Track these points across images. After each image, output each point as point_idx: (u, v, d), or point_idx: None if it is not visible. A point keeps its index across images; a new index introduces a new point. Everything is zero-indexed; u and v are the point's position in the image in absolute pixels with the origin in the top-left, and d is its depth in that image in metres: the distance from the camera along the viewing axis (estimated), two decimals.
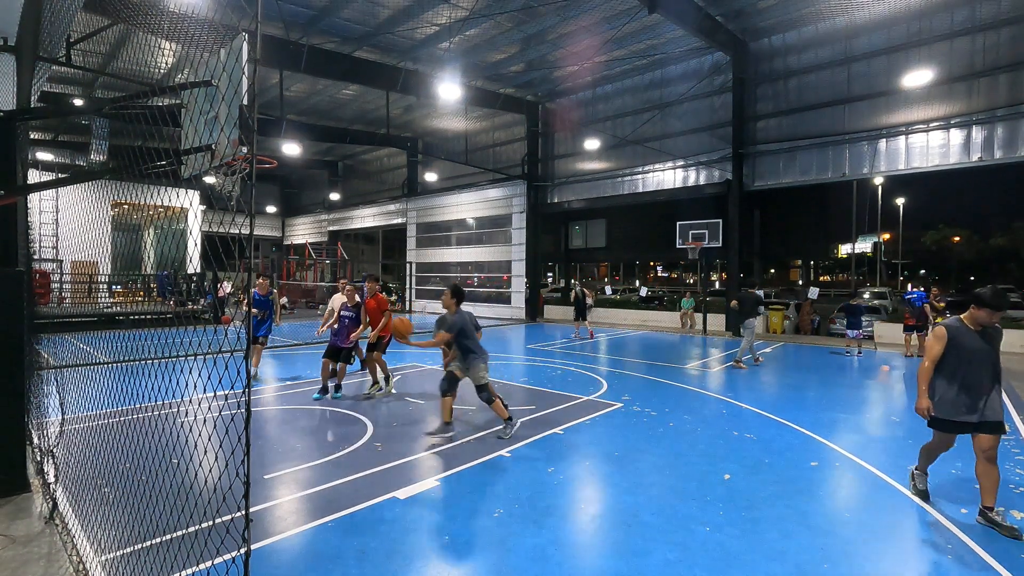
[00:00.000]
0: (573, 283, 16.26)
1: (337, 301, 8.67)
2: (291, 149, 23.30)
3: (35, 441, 4.90)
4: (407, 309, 26.72)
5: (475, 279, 25.25)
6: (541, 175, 22.87)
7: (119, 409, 5.95)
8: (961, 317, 4.17)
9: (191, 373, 2.28)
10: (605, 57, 18.00)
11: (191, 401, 6.62)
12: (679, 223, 18.22)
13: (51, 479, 4.20)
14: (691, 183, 18.86)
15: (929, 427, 4.29)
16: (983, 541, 3.78)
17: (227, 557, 2.85)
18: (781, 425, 6.72)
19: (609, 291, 28.95)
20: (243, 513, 1.89)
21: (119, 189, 3.65)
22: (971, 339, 4.07)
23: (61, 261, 20.51)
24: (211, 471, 2.67)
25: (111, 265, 17.97)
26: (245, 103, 2.38)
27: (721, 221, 17.27)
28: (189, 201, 3.15)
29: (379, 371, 8.27)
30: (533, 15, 15.07)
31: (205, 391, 2.24)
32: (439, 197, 26.54)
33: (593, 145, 20.77)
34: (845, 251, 55.30)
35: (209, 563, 2.81)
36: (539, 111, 22.91)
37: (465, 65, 18.45)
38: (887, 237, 51.38)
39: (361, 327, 7.99)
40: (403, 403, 7.67)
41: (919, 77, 13.75)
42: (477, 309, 24.27)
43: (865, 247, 48.96)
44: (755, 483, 4.82)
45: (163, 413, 6.31)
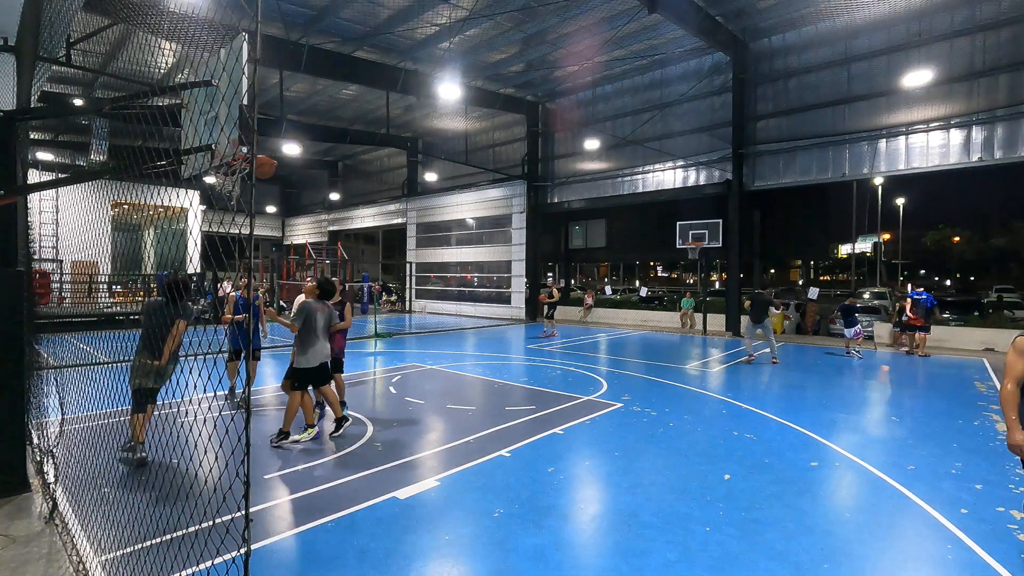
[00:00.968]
0: (547, 281, 16.32)
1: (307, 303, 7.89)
2: (291, 149, 23.30)
3: (35, 441, 4.90)
4: (407, 309, 26.73)
5: (475, 279, 25.25)
6: (541, 175, 22.87)
7: (119, 409, 5.96)
8: None
9: (191, 373, 2.28)
10: (605, 57, 18.00)
11: (191, 401, 6.63)
12: (679, 223, 18.22)
13: (51, 479, 4.20)
14: (691, 183, 18.85)
15: None
16: (983, 541, 3.78)
17: (227, 557, 2.85)
18: (781, 425, 6.72)
19: (609, 291, 28.94)
20: (243, 513, 1.89)
21: (119, 189, 3.65)
22: None
23: (61, 261, 20.51)
24: (211, 471, 2.67)
25: (111, 265, 17.96)
26: (245, 103, 2.39)
27: (721, 221, 17.27)
28: (189, 201, 3.15)
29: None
30: (533, 15, 15.06)
31: (205, 391, 2.24)
32: (439, 197, 26.53)
33: (593, 145, 20.76)
34: (845, 251, 55.32)
35: (209, 563, 2.81)
36: (539, 111, 22.91)
37: (465, 65, 18.45)
38: (887, 237, 51.36)
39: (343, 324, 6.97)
40: (403, 403, 7.67)
41: (919, 77, 13.75)
42: (477, 309, 24.30)
43: (865, 247, 48.96)
44: (755, 483, 4.82)
45: (163, 413, 6.31)
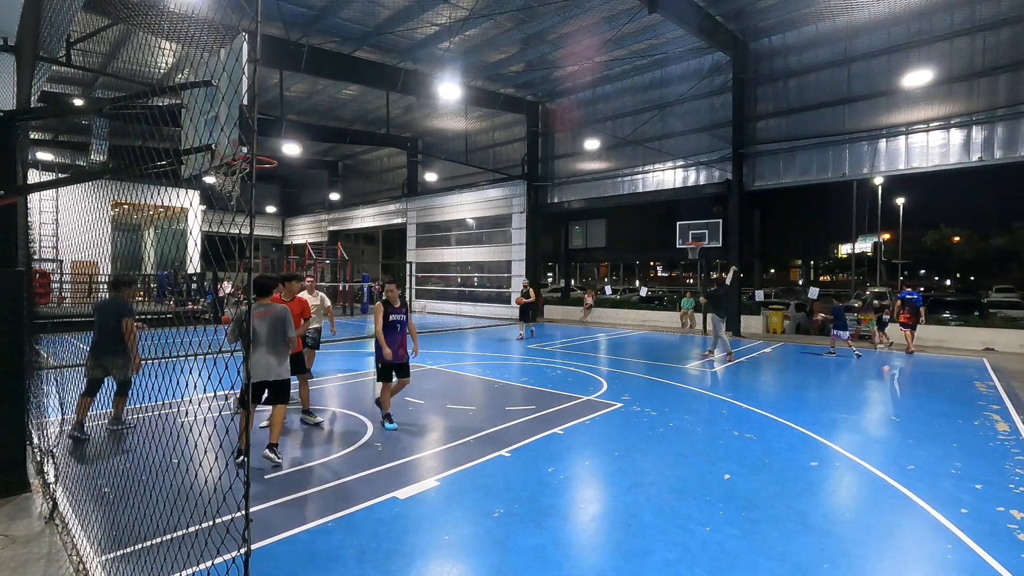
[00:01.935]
0: (524, 283, 16.34)
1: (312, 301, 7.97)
2: (291, 149, 23.31)
3: (35, 441, 4.90)
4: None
5: (475, 279, 25.25)
6: (541, 175, 22.87)
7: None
8: None
9: (191, 373, 2.28)
10: (605, 57, 18.00)
11: (191, 401, 6.62)
12: (679, 223, 18.23)
13: (51, 479, 4.20)
14: (691, 183, 18.86)
15: None
16: (983, 541, 3.77)
17: (227, 557, 2.85)
18: (781, 425, 6.72)
19: (609, 291, 28.94)
20: (243, 513, 1.89)
21: (119, 189, 3.65)
22: None
23: (61, 261, 20.51)
24: (211, 471, 2.67)
25: (111, 265, 17.96)
26: (245, 103, 2.39)
27: (721, 221, 17.27)
28: (189, 201, 3.15)
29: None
30: (533, 15, 15.07)
31: (205, 391, 2.24)
32: (439, 197, 26.54)
33: (593, 145, 20.76)
34: (845, 251, 55.26)
35: (209, 563, 2.81)
36: (539, 111, 22.91)
37: (465, 65, 18.45)
38: (887, 237, 51.34)
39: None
40: (403, 403, 7.66)
41: (919, 77, 13.75)
42: (477, 309, 24.30)
43: (865, 247, 48.92)
44: (755, 483, 4.81)
45: (163, 413, 6.31)
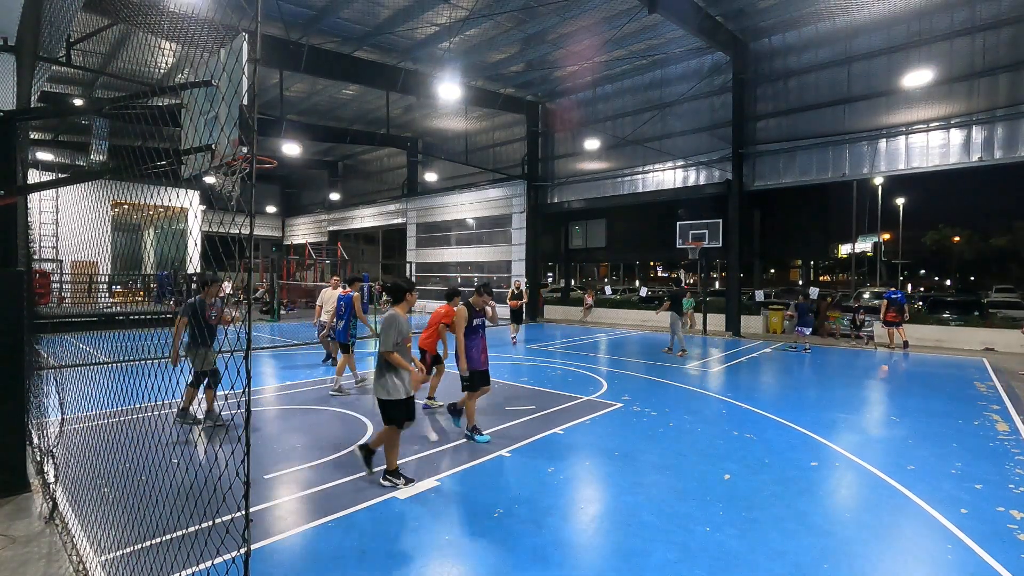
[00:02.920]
0: (516, 283, 15.81)
1: (328, 297, 9.71)
2: (291, 149, 23.31)
3: (35, 441, 4.90)
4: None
5: (475, 279, 25.24)
6: (541, 175, 22.87)
7: (119, 409, 5.96)
8: None
9: (191, 373, 2.28)
10: (605, 57, 18.00)
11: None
12: (679, 223, 18.22)
13: (51, 479, 4.20)
14: (691, 183, 18.85)
15: None
16: (983, 541, 3.78)
17: (227, 557, 2.85)
18: (781, 425, 6.72)
19: (609, 291, 28.92)
20: (243, 513, 1.89)
21: (119, 189, 3.65)
22: None
23: (61, 261, 20.50)
24: (211, 471, 2.66)
25: (111, 265, 17.97)
26: (245, 103, 2.38)
27: (721, 221, 17.27)
28: (189, 201, 3.15)
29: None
30: (533, 15, 15.06)
31: (205, 391, 2.24)
32: (439, 197, 26.54)
33: (593, 145, 20.76)
34: (845, 251, 55.26)
35: (209, 563, 2.81)
36: (539, 111, 22.91)
37: (465, 65, 18.45)
38: (887, 237, 51.35)
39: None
40: None
41: (919, 77, 13.75)
42: None
43: (865, 247, 48.93)
44: (755, 483, 4.82)
45: (163, 413, 6.31)
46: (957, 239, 56.92)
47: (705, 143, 18.30)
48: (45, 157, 23.87)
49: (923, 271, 62.92)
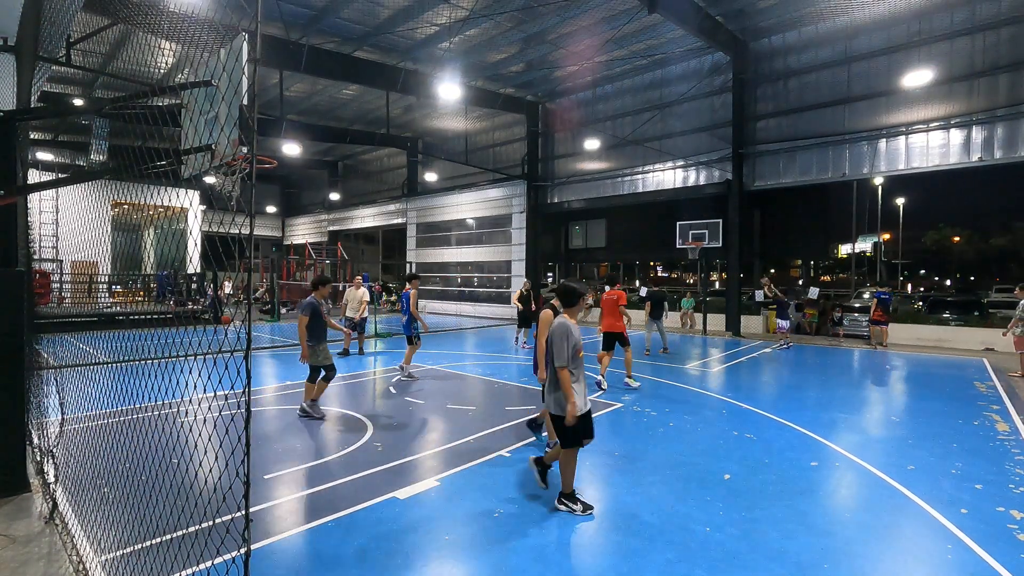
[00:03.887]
0: (525, 284, 15.21)
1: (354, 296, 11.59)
2: (291, 149, 23.30)
3: (35, 441, 4.90)
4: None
5: (475, 279, 25.25)
6: (541, 175, 22.87)
7: (119, 409, 5.96)
8: None
9: (191, 373, 2.28)
10: (605, 57, 17.99)
11: (191, 401, 6.62)
12: (679, 223, 18.21)
13: (51, 479, 4.20)
14: (691, 183, 18.85)
15: None
16: (983, 541, 3.77)
17: (227, 557, 2.85)
18: (781, 425, 6.71)
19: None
20: (243, 513, 1.89)
21: (119, 189, 3.65)
22: None
23: (61, 261, 20.49)
24: (211, 471, 2.66)
25: (111, 265, 17.97)
26: (245, 103, 2.38)
27: (721, 221, 17.27)
28: (189, 201, 3.15)
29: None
30: (533, 15, 15.06)
31: (205, 391, 2.24)
32: (439, 197, 26.53)
33: (593, 145, 20.76)
34: (845, 251, 55.28)
35: (209, 563, 2.81)
36: (539, 111, 22.90)
37: (465, 65, 18.45)
38: (887, 237, 51.36)
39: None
40: (403, 403, 7.67)
41: (919, 77, 13.75)
42: (477, 309, 24.30)
43: (865, 247, 48.95)
44: (755, 483, 4.81)
45: (163, 413, 6.31)
46: (957, 239, 56.93)
47: (705, 143, 18.30)
48: (45, 157, 23.87)
49: (923, 271, 62.91)
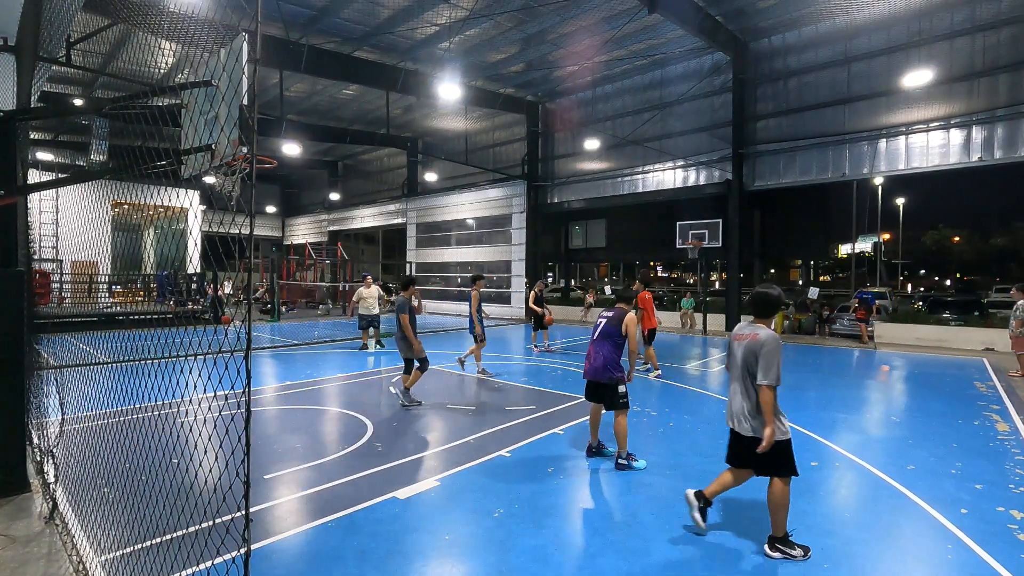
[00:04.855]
0: (540, 285, 14.46)
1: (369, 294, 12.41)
2: (291, 149, 23.30)
3: (35, 441, 4.90)
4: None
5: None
6: (541, 175, 22.87)
7: (119, 409, 5.96)
8: None
9: (191, 373, 2.28)
10: (605, 57, 18.00)
11: (191, 401, 6.62)
12: (679, 223, 18.21)
13: (51, 479, 4.20)
14: (691, 183, 18.86)
15: None
16: (983, 541, 3.78)
17: (227, 557, 2.85)
18: None
19: (609, 291, 28.96)
20: (243, 513, 1.89)
21: (119, 189, 3.65)
22: None
23: (61, 261, 20.49)
24: (211, 471, 2.66)
25: (111, 265, 17.96)
26: (245, 103, 2.38)
27: (721, 221, 17.27)
28: (189, 201, 3.15)
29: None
30: (533, 15, 15.07)
31: (205, 391, 2.24)
32: (439, 197, 26.54)
33: (593, 145, 20.76)
34: (845, 251, 55.28)
35: (209, 563, 2.81)
36: (539, 111, 22.91)
37: (465, 65, 18.45)
38: (887, 237, 51.36)
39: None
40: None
41: (919, 77, 13.75)
42: None
43: (865, 247, 48.95)
44: (755, 483, 4.81)
45: (163, 413, 6.31)
46: (957, 239, 56.92)
47: (705, 143, 18.31)
48: (45, 157, 23.87)
49: (923, 271, 62.90)
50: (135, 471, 4.55)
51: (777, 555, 3.56)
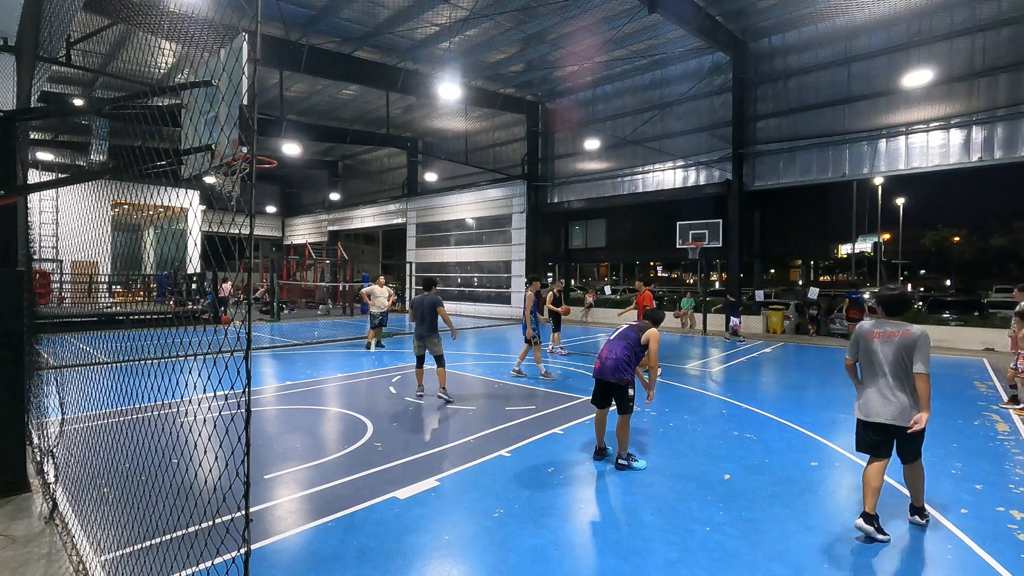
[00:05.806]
0: (551, 283, 14.29)
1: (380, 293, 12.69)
2: (291, 149, 23.30)
3: (35, 441, 4.90)
4: (407, 308, 26.69)
5: (475, 279, 25.25)
6: (541, 175, 22.87)
7: (119, 409, 5.97)
8: None
9: (191, 373, 2.28)
10: (605, 57, 18.00)
11: (191, 401, 6.63)
12: (679, 223, 18.22)
13: (51, 479, 4.20)
14: (691, 183, 18.86)
15: None
16: (983, 541, 3.78)
17: (227, 557, 2.85)
18: (781, 425, 6.72)
19: (609, 291, 28.96)
20: (243, 513, 1.89)
21: (119, 189, 3.65)
22: None
23: (61, 261, 20.49)
24: (211, 471, 2.66)
25: (111, 265, 17.97)
26: (245, 103, 2.38)
27: (721, 221, 17.27)
28: (189, 201, 3.15)
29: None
30: (533, 15, 15.07)
31: (205, 391, 2.24)
32: (439, 197, 26.54)
33: (593, 145, 20.76)
34: (845, 251, 55.30)
35: (209, 563, 2.81)
36: (539, 111, 22.91)
37: (465, 65, 18.45)
38: (887, 237, 51.37)
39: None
40: (403, 403, 7.67)
41: (919, 77, 13.75)
42: (477, 308, 24.31)
43: (865, 247, 48.99)
44: (755, 483, 4.81)
45: (163, 413, 6.31)
46: (957, 239, 56.91)
47: (705, 143, 18.31)
48: (45, 157, 23.85)
49: (923, 271, 62.86)
50: (135, 471, 4.55)
51: (924, 522, 4.02)
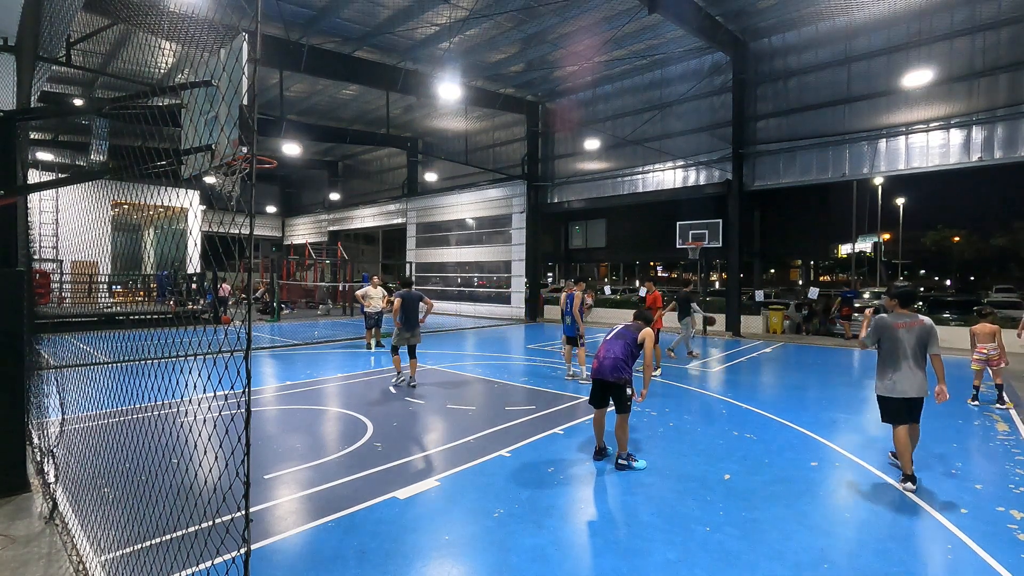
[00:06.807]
0: (564, 283, 14.45)
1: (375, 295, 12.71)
2: (291, 149, 23.30)
3: (35, 441, 4.90)
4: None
5: (475, 279, 25.25)
6: (541, 175, 22.87)
7: (119, 409, 5.96)
8: None
9: (191, 373, 2.28)
10: (605, 57, 17.99)
11: (191, 401, 6.63)
12: (679, 223, 18.21)
13: (51, 479, 4.20)
14: (691, 183, 18.85)
15: None
16: (983, 541, 3.78)
17: (227, 557, 2.85)
18: (781, 425, 6.72)
19: (609, 291, 28.96)
20: (243, 513, 1.89)
21: (119, 189, 3.65)
22: None
23: (61, 261, 20.49)
24: (211, 471, 2.66)
25: (111, 265, 17.97)
26: (245, 103, 2.38)
27: (721, 221, 17.26)
28: (189, 201, 3.15)
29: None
30: (533, 15, 15.06)
31: (205, 391, 2.24)
32: (439, 197, 26.54)
33: (593, 145, 20.76)
34: (845, 251, 55.24)
35: (209, 563, 2.81)
36: (539, 111, 22.90)
37: (465, 65, 18.44)
38: (887, 237, 51.35)
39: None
40: (403, 403, 7.67)
41: (919, 77, 13.75)
42: (477, 309, 24.32)
43: (865, 247, 48.94)
44: (755, 483, 4.81)
45: (163, 413, 6.31)
46: (957, 239, 56.88)
47: (705, 143, 18.30)
48: (45, 157, 23.85)
49: (923, 271, 62.84)
50: (135, 471, 4.55)
51: (915, 487, 4.64)
